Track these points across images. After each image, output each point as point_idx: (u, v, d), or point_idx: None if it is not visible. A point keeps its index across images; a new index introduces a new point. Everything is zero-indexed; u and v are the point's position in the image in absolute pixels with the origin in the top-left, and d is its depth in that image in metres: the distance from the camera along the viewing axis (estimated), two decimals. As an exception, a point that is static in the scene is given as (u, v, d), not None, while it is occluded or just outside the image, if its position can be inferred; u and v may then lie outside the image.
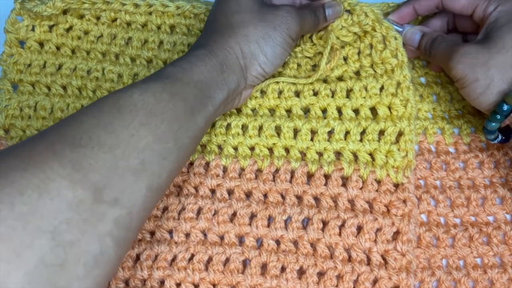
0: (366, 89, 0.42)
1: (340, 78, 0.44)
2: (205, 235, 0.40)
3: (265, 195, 0.41)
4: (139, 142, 0.32)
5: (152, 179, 0.33)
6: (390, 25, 0.43)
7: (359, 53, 0.44)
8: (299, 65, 0.45)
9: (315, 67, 0.45)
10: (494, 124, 0.39)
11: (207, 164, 0.42)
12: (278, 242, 0.39)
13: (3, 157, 0.29)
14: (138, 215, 0.32)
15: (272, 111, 0.44)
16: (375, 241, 0.38)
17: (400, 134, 0.41)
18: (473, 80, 0.38)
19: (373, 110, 0.42)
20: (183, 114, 0.35)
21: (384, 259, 0.38)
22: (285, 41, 0.41)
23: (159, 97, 0.34)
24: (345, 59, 0.44)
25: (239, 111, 0.44)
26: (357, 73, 0.44)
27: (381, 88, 0.42)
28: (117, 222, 0.30)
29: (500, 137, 0.41)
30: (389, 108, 0.42)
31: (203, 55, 0.38)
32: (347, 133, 0.42)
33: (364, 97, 0.42)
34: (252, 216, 0.40)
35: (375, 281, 0.37)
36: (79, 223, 0.28)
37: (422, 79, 0.47)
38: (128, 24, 0.49)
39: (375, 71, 0.43)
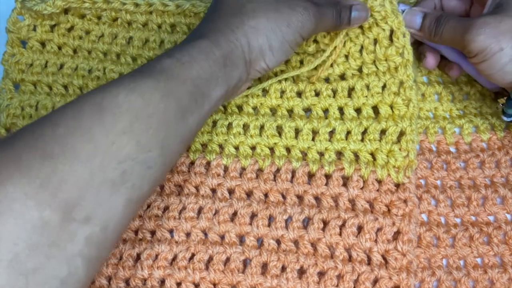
0: (368, 87, 0.42)
1: (342, 77, 0.44)
2: (205, 234, 0.40)
3: (266, 195, 0.41)
4: (120, 151, 0.29)
5: (132, 192, 0.29)
6: (402, 21, 0.41)
7: (361, 50, 0.43)
8: (301, 62, 0.45)
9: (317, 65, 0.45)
10: None
11: (208, 163, 0.42)
12: (278, 242, 0.39)
13: None
14: (113, 231, 0.29)
15: (273, 110, 0.44)
16: (376, 241, 0.38)
17: (402, 133, 0.41)
18: (497, 50, 0.36)
19: (375, 109, 0.42)
20: (173, 117, 0.31)
21: (384, 259, 0.38)
22: (295, 40, 0.38)
23: (148, 99, 0.30)
24: (346, 56, 0.44)
25: (240, 110, 0.44)
26: (360, 70, 0.43)
27: (383, 87, 0.42)
28: (89, 241, 0.27)
29: None
30: (391, 107, 0.42)
31: (206, 47, 0.34)
32: (348, 133, 0.42)
33: (366, 96, 0.42)
34: (253, 216, 0.40)
35: (375, 281, 0.37)
36: (45, 248, 0.25)
37: (425, 78, 0.47)
38: (129, 23, 0.49)
39: (378, 68, 0.42)
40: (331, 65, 0.44)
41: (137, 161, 0.29)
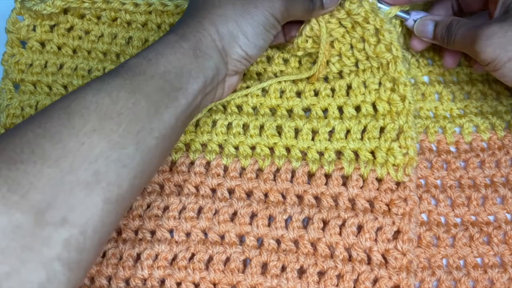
0: (365, 84, 0.42)
1: (340, 74, 0.44)
2: (205, 234, 0.40)
3: (266, 195, 0.41)
4: (91, 151, 0.29)
5: (110, 191, 0.29)
6: (384, 18, 0.40)
7: (352, 48, 0.43)
8: (300, 62, 0.45)
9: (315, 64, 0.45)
10: None
11: (208, 163, 0.42)
12: (278, 242, 0.39)
13: None
14: (94, 233, 0.28)
15: (273, 110, 0.44)
16: (376, 240, 0.38)
17: (401, 131, 0.41)
18: (506, 60, 0.36)
19: (374, 106, 0.42)
20: (145, 112, 0.31)
21: (384, 258, 0.38)
22: (267, 21, 0.37)
23: (115, 97, 0.31)
24: (339, 56, 0.44)
25: (240, 110, 0.44)
26: (356, 65, 0.43)
27: (380, 83, 0.42)
28: (68, 244, 0.27)
29: None
30: (389, 103, 0.41)
31: (172, 41, 0.35)
32: (347, 132, 0.42)
33: (364, 94, 0.42)
34: (253, 216, 0.40)
35: (375, 281, 0.37)
36: (17, 251, 0.25)
37: (425, 78, 0.47)
38: (129, 23, 0.49)
39: (372, 64, 0.42)
40: (327, 64, 0.44)
41: (110, 160, 0.29)
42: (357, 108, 0.43)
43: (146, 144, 0.31)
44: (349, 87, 0.43)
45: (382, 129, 0.41)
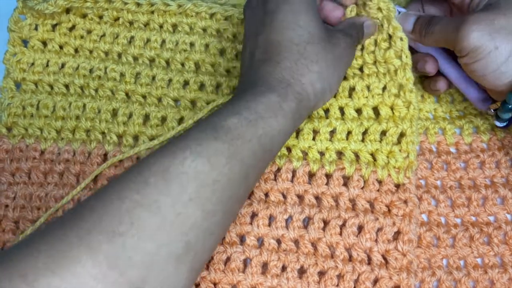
0: (368, 88, 0.42)
1: (344, 76, 0.44)
2: (206, 233, 0.40)
3: (266, 194, 0.41)
4: (186, 222, 0.27)
5: (195, 260, 0.28)
6: (397, 25, 0.40)
7: (362, 49, 0.43)
8: None
9: None
10: None
11: (209, 163, 0.42)
12: (279, 241, 0.39)
13: (28, 253, 0.24)
14: None
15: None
16: (376, 240, 0.38)
17: (402, 135, 0.41)
18: (491, 48, 0.34)
19: (376, 110, 0.42)
20: (237, 179, 0.30)
21: (385, 258, 0.38)
22: (344, 74, 0.37)
23: (214, 163, 0.29)
24: None
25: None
26: (361, 69, 0.43)
27: (384, 88, 0.42)
28: None
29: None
30: (392, 109, 0.42)
31: (274, 102, 0.32)
32: (349, 133, 0.42)
33: (367, 97, 0.42)
34: (253, 215, 0.40)
35: (375, 281, 0.37)
36: None
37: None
38: (131, 23, 0.49)
39: (378, 70, 0.42)
40: None
41: (202, 229, 0.28)
42: (358, 111, 0.43)
43: (232, 210, 0.30)
44: (351, 89, 0.43)
45: (383, 132, 0.41)
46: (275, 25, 0.34)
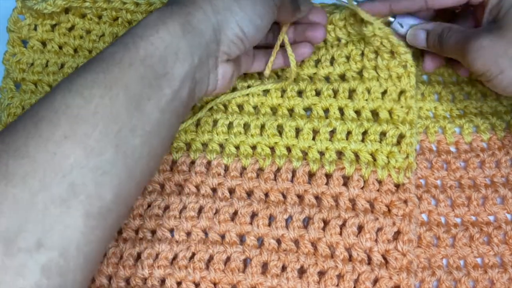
0: (369, 91, 0.42)
1: (343, 77, 0.44)
2: (206, 234, 0.40)
3: (266, 194, 0.41)
4: (63, 162, 0.25)
5: (90, 204, 0.25)
6: (399, 43, 0.41)
7: (362, 54, 0.43)
8: (302, 61, 0.45)
9: (317, 62, 0.45)
10: None
11: (209, 163, 0.42)
12: (279, 241, 0.39)
13: None
14: (78, 252, 0.25)
15: (274, 110, 0.44)
16: (376, 240, 0.38)
17: (402, 136, 0.41)
18: (498, 73, 0.36)
19: (374, 112, 0.42)
20: (124, 109, 0.27)
21: (385, 258, 0.38)
22: (267, 2, 0.33)
23: (88, 95, 0.26)
24: (347, 58, 0.44)
25: (241, 109, 0.44)
26: (360, 72, 0.43)
27: (384, 92, 0.42)
28: (47, 269, 0.24)
29: None
30: (390, 113, 0.42)
31: (154, 19, 0.29)
32: (348, 133, 0.42)
33: (367, 100, 0.42)
34: (253, 215, 0.40)
35: (375, 281, 0.37)
36: None
37: (425, 77, 0.47)
38: (130, 23, 0.49)
39: (379, 75, 0.42)
40: (331, 64, 0.44)
41: (87, 169, 0.25)
42: (358, 112, 0.43)
43: (128, 145, 0.27)
44: (352, 90, 0.43)
45: (383, 133, 0.41)
46: None
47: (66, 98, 0.26)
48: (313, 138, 0.42)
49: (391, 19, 0.43)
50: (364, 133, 0.42)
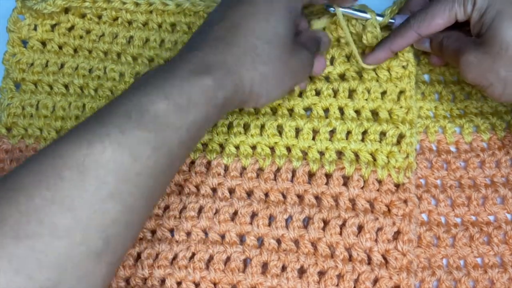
0: (369, 91, 0.42)
1: (343, 77, 0.44)
2: (206, 234, 0.40)
3: (266, 194, 0.41)
4: (105, 218, 0.25)
5: (115, 255, 0.26)
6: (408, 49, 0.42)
7: (363, 53, 0.43)
8: None
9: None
10: None
11: (209, 163, 0.42)
12: (279, 241, 0.39)
13: None
14: None
15: (274, 110, 0.44)
16: (376, 240, 0.38)
17: (402, 136, 0.41)
18: (488, 85, 0.37)
19: (374, 112, 0.42)
20: (162, 170, 0.27)
21: (385, 258, 0.38)
22: (290, 88, 0.37)
23: (138, 154, 0.26)
24: (347, 57, 0.44)
25: (241, 109, 0.44)
26: (359, 73, 0.43)
27: (384, 92, 0.42)
28: None
29: None
30: (390, 112, 0.42)
31: (210, 89, 0.29)
32: (348, 132, 0.42)
33: (366, 99, 0.42)
34: (253, 215, 0.40)
35: (375, 281, 0.37)
36: None
37: (426, 76, 0.47)
38: (129, 23, 0.49)
39: (379, 76, 0.43)
40: (331, 64, 0.44)
41: (121, 224, 0.26)
42: (358, 112, 0.43)
43: (153, 200, 0.29)
44: (352, 90, 0.43)
45: (383, 133, 0.41)
46: (247, 9, 0.32)
47: (115, 154, 0.26)
48: (313, 138, 0.42)
49: (392, 20, 0.43)
50: (364, 133, 0.42)
